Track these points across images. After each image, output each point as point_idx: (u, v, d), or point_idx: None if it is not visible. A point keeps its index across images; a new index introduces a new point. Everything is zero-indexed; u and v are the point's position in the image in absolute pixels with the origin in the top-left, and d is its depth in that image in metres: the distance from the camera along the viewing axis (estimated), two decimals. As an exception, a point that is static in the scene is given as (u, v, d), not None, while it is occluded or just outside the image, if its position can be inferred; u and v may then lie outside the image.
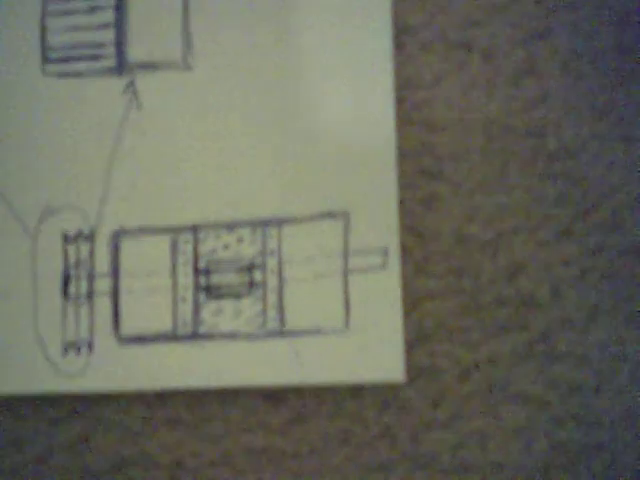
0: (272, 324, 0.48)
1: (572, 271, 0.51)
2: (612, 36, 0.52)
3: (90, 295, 0.49)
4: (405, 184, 0.51)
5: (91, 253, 0.49)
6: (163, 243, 0.49)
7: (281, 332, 0.48)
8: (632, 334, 0.50)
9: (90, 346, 0.48)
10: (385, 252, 0.49)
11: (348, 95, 0.49)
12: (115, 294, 0.49)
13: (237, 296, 0.49)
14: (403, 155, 0.51)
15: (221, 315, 0.49)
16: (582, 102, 0.52)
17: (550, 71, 0.52)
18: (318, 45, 0.50)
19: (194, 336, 0.49)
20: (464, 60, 0.52)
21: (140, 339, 0.48)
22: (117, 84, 0.50)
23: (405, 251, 0.50)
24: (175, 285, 0.49)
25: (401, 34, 0.52)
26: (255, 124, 0.49)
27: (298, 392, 0.49)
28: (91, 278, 0.49)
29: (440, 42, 0.52)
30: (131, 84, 0.50)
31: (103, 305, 0.49)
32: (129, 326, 0.49)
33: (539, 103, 0.52)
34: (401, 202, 0.50)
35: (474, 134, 0.52)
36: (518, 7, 0.52)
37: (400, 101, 0.51)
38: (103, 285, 0.49)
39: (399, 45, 0.52)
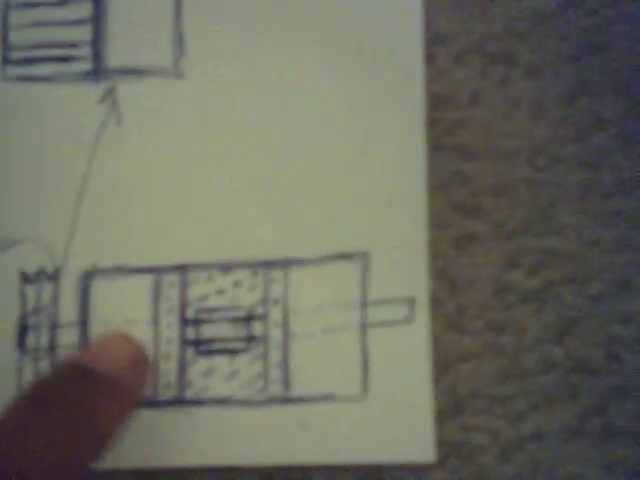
0: (275, 388, 0.45)
1: (632, 330, 0.48)
2: (678, 54, 0.48)
3: (52, 349, 0.45)
4: (436, 222, 0.48)
5: (55, 297, 0.45)
6: (143, 286, 0.46)
7: (285, 398, 0.45)
8: (699, 407, 0.47)
9: (51, 412, 0.42)
10: (411, 302, 0.46)
11: (369, 113, 0.47)
12: (83, 348, 0.45)
13: (233, 353, 0.45)
14: (434, 187, 0.48)
15: (213, 376, 0.45)
16: (643, 130, 0.50)
17: (606, 92, 0.50)
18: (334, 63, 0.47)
19: (179, 401, 0.45)
20: (505, 76, 0.49)
21: (113, 404, 0.42)
22: (93, 92, 0.47)
23: (435, 302, 0.47)
24: (157, 338, 0.45)
25: (433, 44, 0.49)
26: (258, 146, 0.47)
27: (305, 472, 0.45)
28: (54, 328, 0.45)
29: (477, 54, 0.50)
30: (110, 92, 0.47)
31: (68, 361, 0.43)
32: (100, 387, 0.43)
33: (593, 129, 0.49)
34: (431, 243, 0.47)
35: (517, 164, 0.49)
36: (568, 16, 0.49)
37: (431, 123, 0.48)
38: (69, 337, 0.45)
39: (430, 57, 0.49)
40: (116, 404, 0.31)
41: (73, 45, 0.47)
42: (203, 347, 0.46)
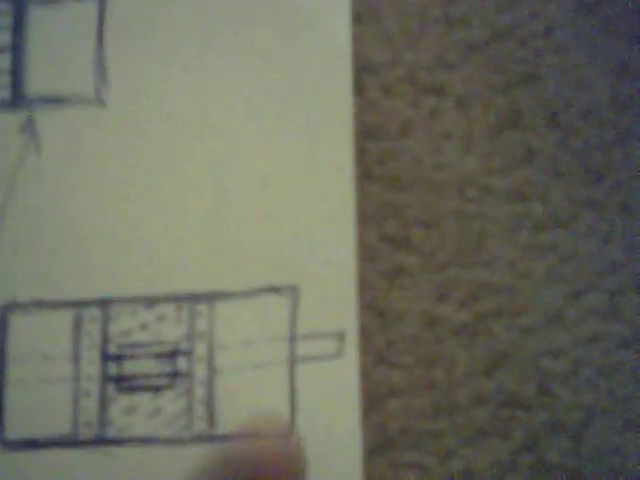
0: (199, 426, 0.45)
1: (563, 364, 0.49)
2: (608, 86, 0.52)
3: (-33, 386, 0.45)
4: (365, 254, 0.49)
5: (-30, 332, 0.46)
6: (63, 321, 0.45)
7: (211, 436, 0.45)
8: (632, 441, 0.48)
9: (-35, 452, 0.45)
10: (341, 336, 0.46)
11: (298, 143, 0.48)
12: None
13: (156, 390, 0.45)
14: (363, 219, 0.49)
15: (135, 414, 0.45)
16: (573, 162, 0.51)
17: (536, 124, 0.51)
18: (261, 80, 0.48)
19: (100, 440, 0.45)
20: (436, 107, 0.49)
21: (30, 444, 0.44)
22: (12, 121, 0.47)
23: (365, 336, 0.48)
24: (77, 375, 0.45)
25: (363, 74, 0.51)
26: (181, 177, 0.47)
27: (231, 512, 0.44)
28: (-31, 364, 0.46)
29: (408, 85, 0.51)
30: (29, 122, 0.47)
31: (-16, 399, 0.45)
32: (16, 427, 0.44)
33: (523, 161, 0.51)
34: (360, 275, 0.47)
35: (447, 196, 0.50)
36: (499, 47, 0.50)
37: (361, 153, 0.50)
38: (-15, 373, 0.46)
39: (360, 87, 0.51)
40: None
41: (-9, 72, 0.48)
42: (125, 384, 0.46)
